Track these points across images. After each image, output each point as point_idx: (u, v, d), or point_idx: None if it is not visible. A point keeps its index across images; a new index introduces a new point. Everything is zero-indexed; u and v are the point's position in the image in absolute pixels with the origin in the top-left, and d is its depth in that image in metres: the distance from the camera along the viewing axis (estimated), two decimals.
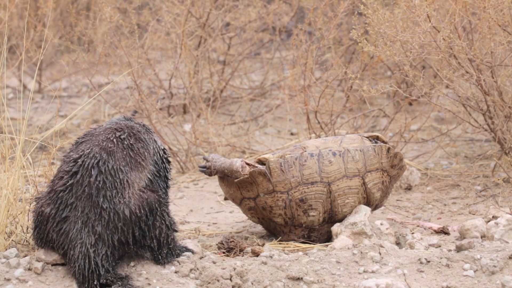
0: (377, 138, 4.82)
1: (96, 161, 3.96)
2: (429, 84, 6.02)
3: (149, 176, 4.15)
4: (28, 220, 4.43)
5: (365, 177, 4.66)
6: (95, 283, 3.89)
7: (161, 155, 4.28)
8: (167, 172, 4.31)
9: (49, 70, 9.21)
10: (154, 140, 4.26)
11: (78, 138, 4.16)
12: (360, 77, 6.51)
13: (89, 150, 4.00)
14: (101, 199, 3.92)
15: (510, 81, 5.65)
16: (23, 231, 4.41)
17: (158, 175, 4.24)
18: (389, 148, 4.74)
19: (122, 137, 4.08)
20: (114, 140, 4.05)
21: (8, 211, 4.31)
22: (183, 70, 7.21)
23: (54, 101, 8.30)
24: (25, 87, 8.63)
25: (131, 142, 4.09)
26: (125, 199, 3.96)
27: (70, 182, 3.97)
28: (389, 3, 5.93)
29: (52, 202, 4.00)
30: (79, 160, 3.99)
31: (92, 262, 3.89)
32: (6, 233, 4.33)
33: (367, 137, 4.79)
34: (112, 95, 7.88)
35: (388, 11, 5.44)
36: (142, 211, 4.00)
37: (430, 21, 5.23)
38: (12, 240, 4.34)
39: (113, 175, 3.96)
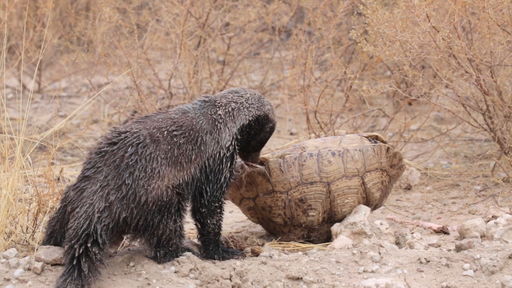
0: (377, 138, 4.82)
1: (137, 141, 4.01)
2: (428, 84, 6.02)
3: (187, 179, 4.13)
4: (28, 220, 4.43)
5: (365, 177, 4.66)
6: (88, 245, 3.83)
7: (219, 156, 4.22)
8: (221, 174, 4.23)
9: (48, 70, 9.21)
10: (217, 141, 4.22)
11: (139, 117, 4.21)
12: (360, 77, 6.51)
13: (137, 130, 4.06)
14: (127, 175, 3.95)
15: (509, 81, 5.65)
16: (22, 231, 4.40)
17: (206, 180, 4.21)
18: (388, 148, 4.74)
19: (175, 133, 4.10)
20: (165, 133, 4.08)
21: (7, 211, 4.30)
22: (182, 70, 7.21)
23: (54, 101, 8.30)
24: (24, 87, 8.63)
25: (180, 142, 4.10)
26: (149, 187, 3.98)
27: (105, 148, 4.02)
28: (388, 3, 5.93)
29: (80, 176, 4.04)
30: (123, 134, 4.05)
31: (92, 226, 3.88)
32: (5, 233, 4.33)
33: (366, 137, 4.79)
34: (112, 95, 7.88)
35: (388, 11, 5.44)
36: (154, 207, 4.02)
37: (429, 21, 5.22)
38: (12, 240, 4.34)
39: (147, 161, 3.99)
